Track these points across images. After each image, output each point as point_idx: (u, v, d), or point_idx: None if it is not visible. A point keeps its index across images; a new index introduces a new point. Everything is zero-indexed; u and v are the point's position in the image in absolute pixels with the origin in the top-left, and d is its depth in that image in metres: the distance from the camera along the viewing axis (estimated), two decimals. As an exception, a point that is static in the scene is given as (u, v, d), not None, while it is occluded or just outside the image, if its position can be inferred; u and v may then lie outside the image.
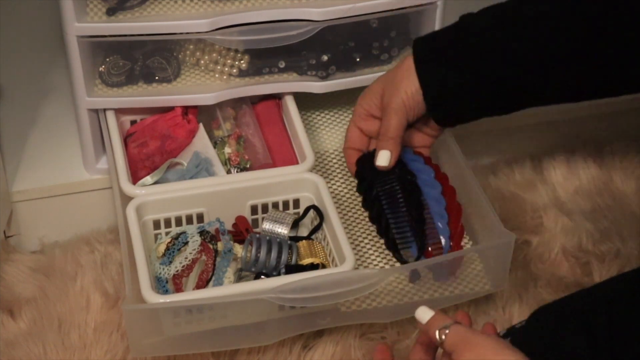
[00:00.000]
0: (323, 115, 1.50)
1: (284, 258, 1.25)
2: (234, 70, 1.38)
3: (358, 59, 1.41)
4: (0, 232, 1.43)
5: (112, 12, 1.32)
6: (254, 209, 1.32)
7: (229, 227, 1.31)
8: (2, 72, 1.59)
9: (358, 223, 1.34)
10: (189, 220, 1.30)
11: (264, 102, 1.44)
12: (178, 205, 1.29)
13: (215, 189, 1.30)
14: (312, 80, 1.40)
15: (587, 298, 1.13)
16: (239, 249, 1.28)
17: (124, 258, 1.21)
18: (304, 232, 1.32)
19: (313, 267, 1.25)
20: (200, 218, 1.30)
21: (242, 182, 1.31)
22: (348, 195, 1.38)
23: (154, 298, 1.17)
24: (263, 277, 1.24)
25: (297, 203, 1.32)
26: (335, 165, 1.42)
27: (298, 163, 1.35)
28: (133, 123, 1.42)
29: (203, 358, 1.28)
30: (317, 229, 1.30)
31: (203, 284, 1.23)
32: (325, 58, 1.39)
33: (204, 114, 1.42)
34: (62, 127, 1.52)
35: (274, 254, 1.24)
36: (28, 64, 1.63)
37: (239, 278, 1.26)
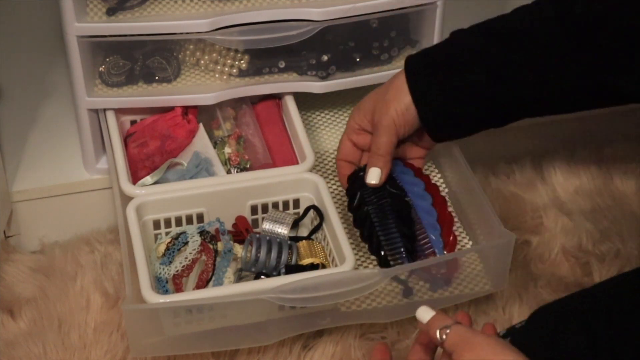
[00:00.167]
0: (323, 115, 1.50)
1: (284, 258, 1.25)
2: (234, 70, 1.38)
3: (358, 59, 1.41)
4: (0, 232, 1.43)
5: (112, 12, 1.32)
6: (254, 209, 1.32)
7: (229, 227, 1.31)
8: (2, 72, 1.59)
9: (358, 223, 1.34)
10: (189, 220, 1.30)
11: (264, 102, 1.44)
12: (178, 205, 1.29)
13: (215, 189, 1.30)
14: (312, 80, 1.40)
15: (587, 298, 1.13)
16: (239, 249, 1.28)
17: (124, 258, 1.21)
18: (304, 232, 1.32)
19: (313, 267, 1.25)
20: (200, 218, 1.30)
21: (242, 182, 1.31)
22: (348, 195, 1.38)
23: (154, 298, 1.16)
24: (263, 277, 1.24)
25: (297, 203, 1.32)
26: (335, 165, 1.41)
27: (298, 163, 1.35)
28: (133, 123, 1.42)
29: (203, 358, 1.28)
30: (317, 229, 1.30)
31: (203, 284, 1.23)
32: (325, 58, 1.39)
33: (204, 114, 1.42)
34: (62, 127, 1.52)
35: (274, 254, 1.24)
36: (28, 64, 1.62)
37: (239, 278, 1.26)
